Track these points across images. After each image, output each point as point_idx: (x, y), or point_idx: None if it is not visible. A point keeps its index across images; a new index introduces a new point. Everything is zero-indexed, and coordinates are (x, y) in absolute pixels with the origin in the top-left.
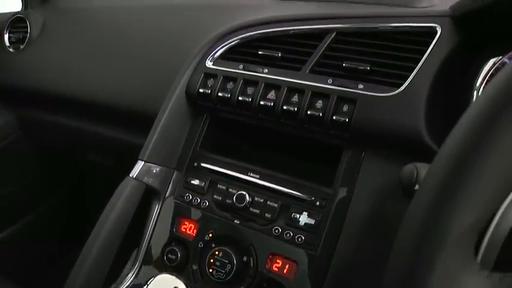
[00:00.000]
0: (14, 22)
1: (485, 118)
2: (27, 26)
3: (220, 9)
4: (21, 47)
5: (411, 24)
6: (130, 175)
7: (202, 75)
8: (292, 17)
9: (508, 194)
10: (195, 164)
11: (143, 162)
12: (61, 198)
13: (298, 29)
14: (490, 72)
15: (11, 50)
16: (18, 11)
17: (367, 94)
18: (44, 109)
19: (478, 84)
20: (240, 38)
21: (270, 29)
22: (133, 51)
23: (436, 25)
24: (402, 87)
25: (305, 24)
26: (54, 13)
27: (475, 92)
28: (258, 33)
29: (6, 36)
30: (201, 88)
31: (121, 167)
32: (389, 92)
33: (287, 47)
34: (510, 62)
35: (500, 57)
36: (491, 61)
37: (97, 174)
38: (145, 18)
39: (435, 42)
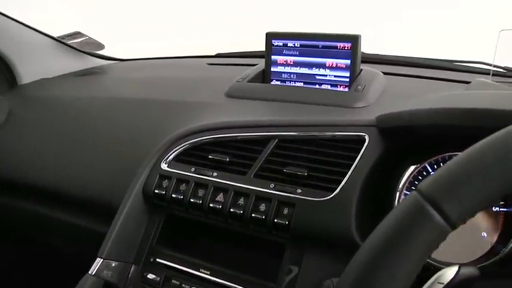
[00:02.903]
0: None
1: (378, 253)
2: None
3: (177, 105)
4: None
5: (343, 133)
6: (90, 272)
7: (158, 176)
8: (240, 124)
9: None
10: (151, 260)
11: (102, 259)
12: (18, 280)
13: (245, 135)
14: (411, 176)
15: None
16: None
17: (304, 199)
18: (3, 193)
19: (400, 186)
20: (192, 143)
21: (219, 134)
22: (94, 143)
23: (364, 134)
24: (335, 192)
25: (251, 131)
26: (20, 100)
27: (397, 193)
28: (208, 139)
29: None
30: (156, 189)
31: (80, 251)
32: (324, 197)
33: (235, 152)
34: (403, 202)
35: (418, 164)
36: (412, 167)
37: (55, 258)
38: (108, 111)
39: (364, 150)
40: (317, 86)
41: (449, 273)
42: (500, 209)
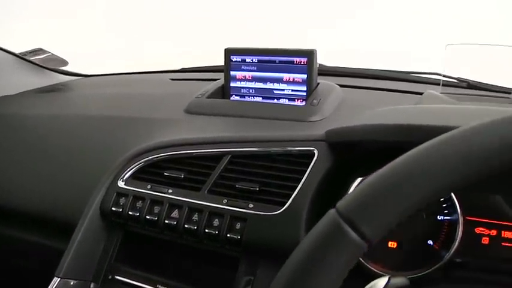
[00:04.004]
0: None
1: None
2: None
3: (139, 121)
4: None
5: (293, 148)
6: None
7: (115, 194)
8: (195, 141)
9: None
10: (110, 277)
11: (59, 278)
12: None
13: (199, 152)
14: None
15: None
16: None
17: (255, 213)
18: None
19: None
20: (148, 160)
21: (175, 151)
22: (56, 161)
23: (313, 148)
24: (285, 206)
25: (205, 147)
26: None
27: None
28: (163, 156)
29: None
30: (113, 207)
31: (45, 269)
32: (275, 211)
33: (189, 168)
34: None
35: (365, 176)
36: (359, 179)
37: (16, 277)
38: (70, 128)
39: (313, 164)
40: (275, 101)
41: (379, 284)
42: (445, 218)
